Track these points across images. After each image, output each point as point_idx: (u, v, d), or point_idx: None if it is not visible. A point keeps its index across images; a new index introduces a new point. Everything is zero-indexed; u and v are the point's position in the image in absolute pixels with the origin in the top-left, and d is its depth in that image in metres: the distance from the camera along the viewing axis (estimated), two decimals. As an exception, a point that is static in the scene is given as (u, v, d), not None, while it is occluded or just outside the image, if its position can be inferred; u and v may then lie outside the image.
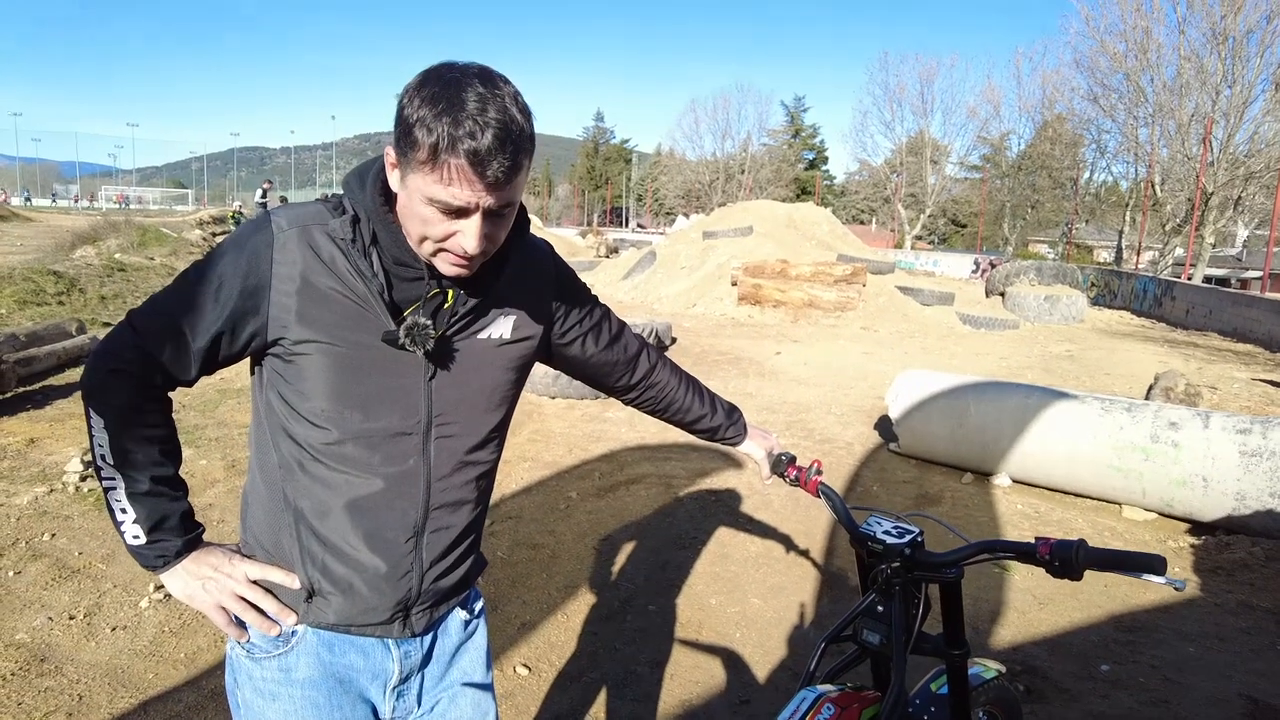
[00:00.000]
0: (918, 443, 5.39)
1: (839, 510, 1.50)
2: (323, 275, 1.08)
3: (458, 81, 0.98)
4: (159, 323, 1.09)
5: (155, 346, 1.09)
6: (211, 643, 2.90)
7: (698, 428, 1.62)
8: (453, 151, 0.95)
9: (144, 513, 1.12)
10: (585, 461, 5.21)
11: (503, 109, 0.97)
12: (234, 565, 1.18)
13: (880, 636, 1.39)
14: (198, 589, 1.16)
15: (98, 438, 1.09)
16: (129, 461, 1.10)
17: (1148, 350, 11.53)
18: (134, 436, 1.10)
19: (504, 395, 1.26)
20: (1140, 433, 4.40)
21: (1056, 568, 1.25)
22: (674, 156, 62.92)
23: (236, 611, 1.17)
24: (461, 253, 1.04)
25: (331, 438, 1.13)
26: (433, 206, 1.00)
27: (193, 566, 1.16)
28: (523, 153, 1.00)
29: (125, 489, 1.11)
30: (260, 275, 1.07)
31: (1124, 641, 3.17)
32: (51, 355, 6.77)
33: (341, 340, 1.10)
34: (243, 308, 1.08)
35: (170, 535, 1.14)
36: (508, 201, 1.03)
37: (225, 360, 1.14)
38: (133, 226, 18.67)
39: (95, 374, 1.10)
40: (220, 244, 1.13)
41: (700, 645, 3.08)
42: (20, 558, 3.46)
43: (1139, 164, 28.08)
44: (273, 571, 1.18)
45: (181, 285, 1.10)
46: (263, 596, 1.17)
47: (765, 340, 10.96)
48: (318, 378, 1.11)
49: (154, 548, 1.13)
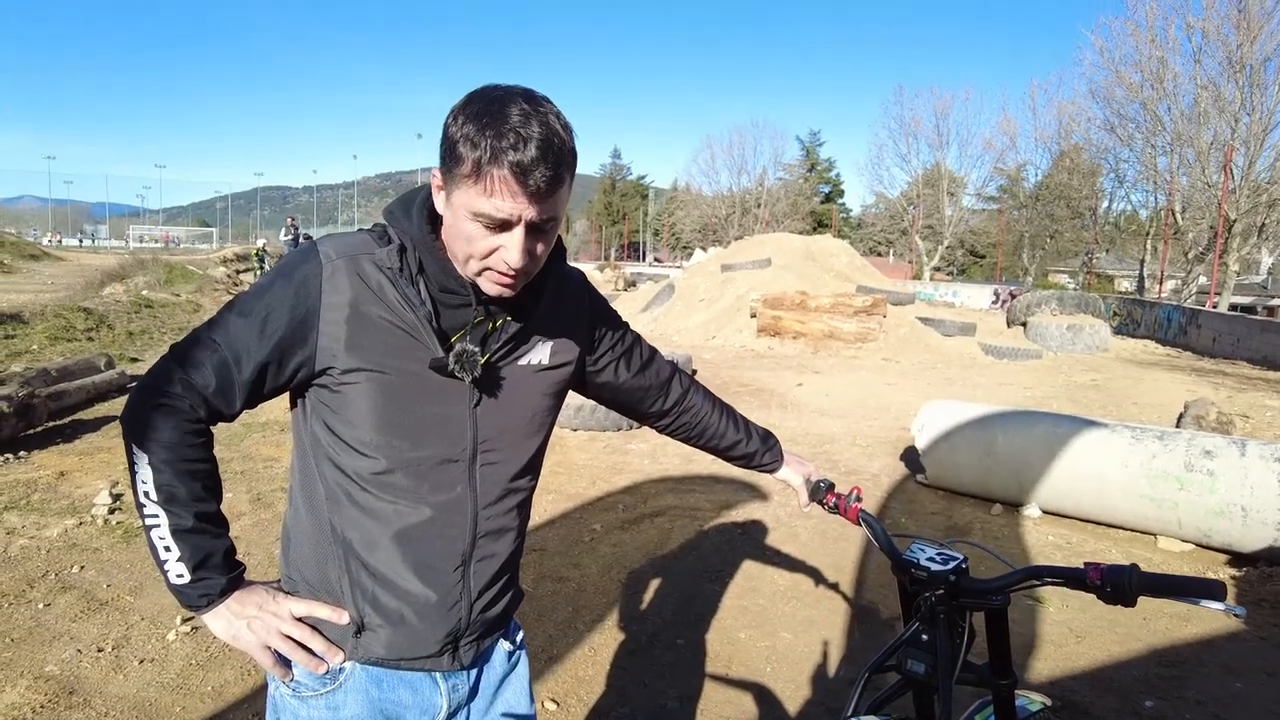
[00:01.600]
0: (945, 474, 5.31)
1: (880, 537, 1.48)
2: (372, 304, 1.08)
3: (501, 99, 1.00)
4: (203, 355, 1.08)
5: (199, 379, 1.07)
6: (239, 676, 2.89)
7: (733, 454, 1.60)
8: (495, 163, 0.97)
9: (188, 551, 1.08)
10: (608, 494, 5.18)
11: (545, 123, 0.99)
12: (279, 603, 1.15)
13: (925, 666, 1.35)
14: (242, 628, 1.12)
15: (140, 474, 1.07)
16: (173, 498, 1.07)
17: (1175, 379, 11.36)
18: (178, 471, 1.07)
19: (543, 421, 1.26)
20: (1174, 461, 4.31)
21: (1109, 593, 1.22)
22: (690, 191, 63.42)
23: (284, 651, 1.13)
24: (505, 269, 1.04)
25: (379, 467, 1.12)
26: (477, 222, 1.01)
27: (236, 606, 1.12)
28: (564, 166, 1.01)
29: (169, 526, 1.07)
30: (309, 305, 1.07)
31: (1167, 677, 3.07)
32: (81, 390, 6.88)
33: (390, 368, 1.09)
34: (291, 338, 1.08)
35: (214, 573, 1.10)
36: (550, 216, 1.03)
37: (271, 392, 1.13)
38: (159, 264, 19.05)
39: (138, 409, 1.08)
40: (265, 275, 1.13)
41: (731, 680, 3.02)
42: (50, 590, 3.47)
43: (1158, 192, 27.99)
44: (319, 608, 1.15)
45: (226, 317, 1.09)
46: (310, 635, 1.14)
47: (786, 372, 10.92)
48: (366, 406, 1.10)
49: (198, 586, 1.10)
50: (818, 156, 65.73)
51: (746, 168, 58.64)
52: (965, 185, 43.35)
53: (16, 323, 9.96)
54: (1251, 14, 22.72)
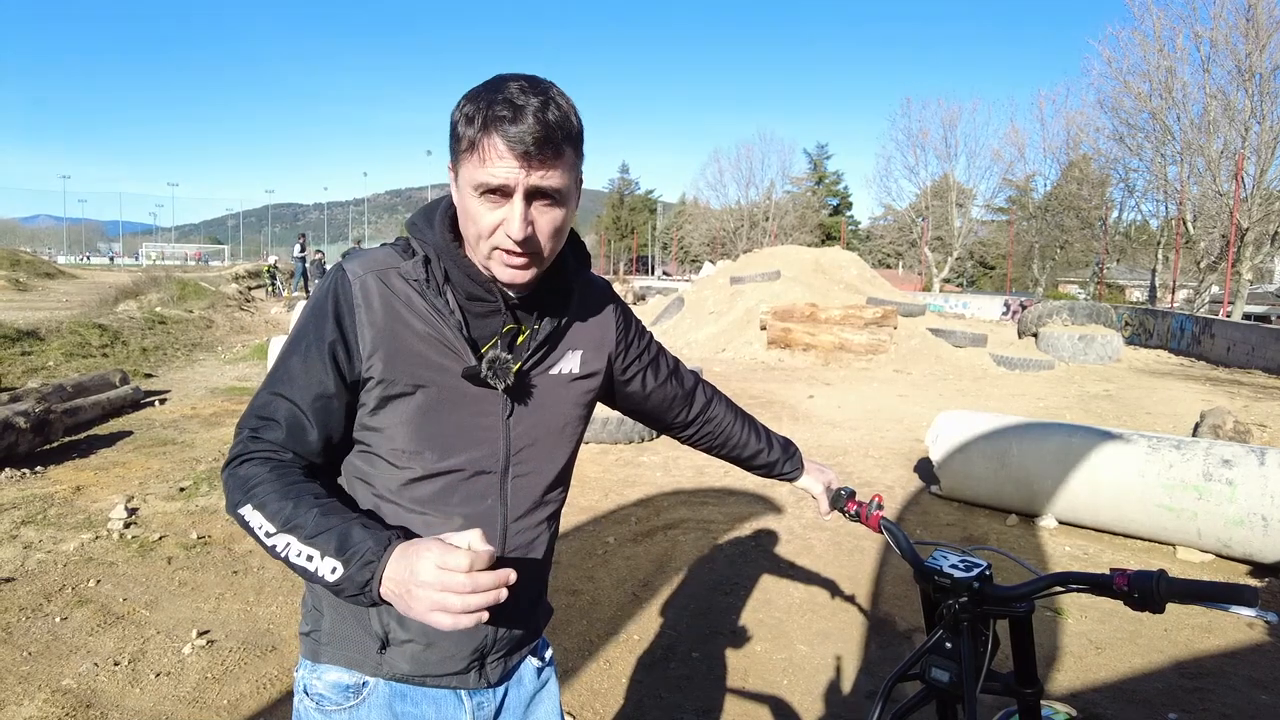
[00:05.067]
0: (959, 485, 5.28)
1: (903, 545, 1.47)
2: (402, 316, 1.09)
3: (501, 79, 1.02)
4: (264, 408, 1.08)
5: (268, 432, 1.06)
6: (254, 690, 2.89)
7: (755, 463, 1.59)
8: (487, 131, 0.98)
9: (327, 544, 0.96)
10: (621, 506, 5.17)
11: (543, 95, 1.00)
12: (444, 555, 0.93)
13: (949, 675, 1.34)
14: (405, 594, 0.92)
15: (254, 523, 0.99)
16: (289, 519, 0.98)
17: (1189, 389, 11.27)
18: (283, 496, 1.00)
19: (573, 433, 1.26)
20: (1192, 471, 4.27)
21: (1136, 600, 1.20)
22: (698, 205, 63.61)
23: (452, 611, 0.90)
24: (510, 245, 1.03)
25: (411, 477, 1.11)
26: (478, 196, 1.02)
27: (395, 569, 0.94)
28: (562, 135, 1.01)
29: (300, 538, 0.97)
30: (344, 325, 1.08)
31: (1191, 689, 3.03)
32: (96, 406, 6.93)
33: (424, 379, 1.10)
34: (335, 359, 1.08)
35: (362, 543, 0.95)
36: (551, 188, 1.02)
37: (349, 415, 1.11)
38: (173, 281, 19.20)
39: (228, 483, 1.04)
40: (300, 314, 1.13)
41: (747, 693, 3.00)
42: (67, 604, 3.49)
43: (1169, 202, 27.85)
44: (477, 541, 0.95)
45: (276, 366, 1.11)
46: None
47: (797, 384, 10.89)
48: (400, 418, 1.10)
49: (353, 564, 0.94)
50: (825, 169, 65.83)
51: (754, 181, 58.85)
52: (974, 196, 43.29)
53: (33, 339, 10.04)
54: (1260, 22, 22.69)
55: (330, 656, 1.17)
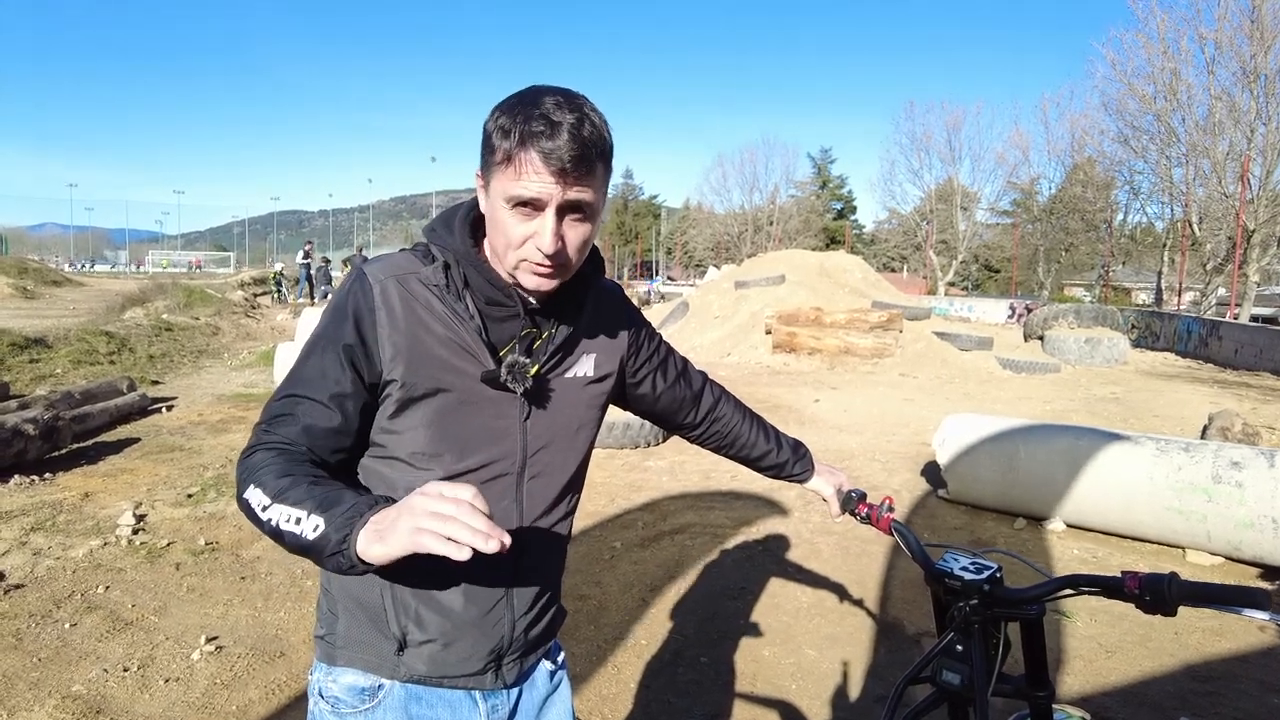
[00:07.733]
0: (967, 488, 5.27)
1: (913, 547, 1.47)
2: (422, 321, 1.10)
3: (537, 92, 1.03)
4: (279, 407, 1.08)
5: (282, 428, 1.06)
6: (263, 695, 2.89)
7: (764, 464, 1.59)
8: (523, 146, 0.99)
9: (311, 503, 0.94)
10: (627, 511, 5.17)
11: (579, 112, 1.01)
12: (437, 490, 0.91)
13: (960, 677, 1.34)
14: (390, 529, 0.87)
15: (253, 499, 0.98)
16: (281, 491, 0.96)
17: (1197, 391, 11.23)
18: (280, 474, 0.99)
19: (587, 435, 1.27)
20: (1201, 473, 4.26)
21: (1148, 602, 1.19)
22: (702, 210, 63.67)
23: (436, 528, 0.84)
24: (539, 257, 1.04)
25: (428, 479, 1.10)
26: (511, 209, 1.02)
27: (379, 515, 0.91)
28: (596, 153, 1.02)
29: (290, 502, 0.95)
30: (363, 329, 1.09)
31: (1203, 692, 3.02)
32: (104, 412, 6.96)
33: (444, 383, 1.10)
34: (352, 361, 1.08)
35: (345, 501, 0.93)
36: (584, 202, 1.04)
37: (364, 416, 1.11)
38: (179, 288, 19.26)
39: (239, 472, 1.04)
40: (322, 316, 1.13)
41: (756, 698, 2.99)
42: (76, 610, 3.50)
43: (1174, 204, 27.80)
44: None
45: (294, 367, 1.11)
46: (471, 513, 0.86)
47: (802, 388, 10.88)
48: (418, 420, 1.11)
49: (334, 520, 0.91)
50: (829, 173, 65.91)
51: (758, 185, 58.94)
52: (978, 200, 43.27)
53: (41, 347, 10.10)
54: (1265, 24, 22.64)
55: (346, 659, 1.17)
